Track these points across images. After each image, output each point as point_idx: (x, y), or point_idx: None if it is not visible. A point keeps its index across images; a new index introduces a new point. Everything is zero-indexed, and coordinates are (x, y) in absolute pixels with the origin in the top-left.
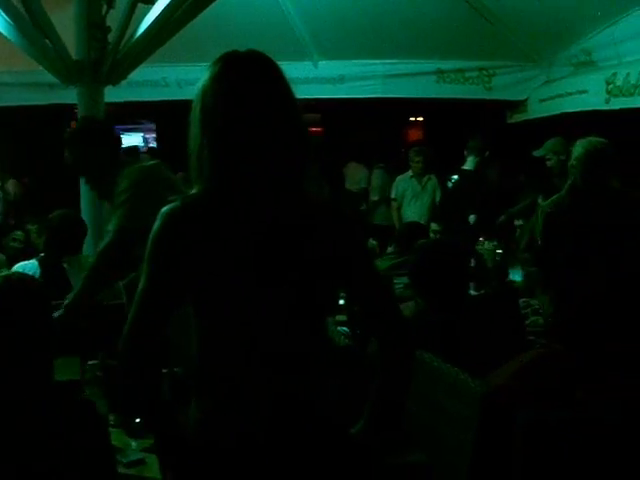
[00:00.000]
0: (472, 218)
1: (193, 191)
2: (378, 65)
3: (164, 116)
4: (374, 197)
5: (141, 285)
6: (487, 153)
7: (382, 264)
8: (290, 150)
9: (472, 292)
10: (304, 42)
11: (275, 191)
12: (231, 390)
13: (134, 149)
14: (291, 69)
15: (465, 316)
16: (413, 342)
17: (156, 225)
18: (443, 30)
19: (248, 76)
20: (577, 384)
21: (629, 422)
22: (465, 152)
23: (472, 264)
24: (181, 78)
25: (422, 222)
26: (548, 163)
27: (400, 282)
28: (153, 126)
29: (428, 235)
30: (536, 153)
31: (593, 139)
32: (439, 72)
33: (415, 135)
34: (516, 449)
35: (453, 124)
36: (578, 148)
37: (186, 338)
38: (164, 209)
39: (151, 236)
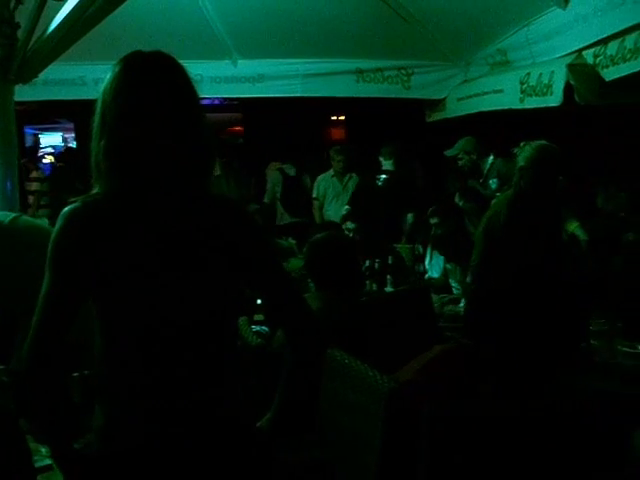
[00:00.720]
0: (410, 217)
1: (95, 191)
2: (297, 64)
3: (82, 115)
4: (266, 199)
5: (44, 289)
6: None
7: (297, 263)
8: (191, 151)
9: (390, 289)
10: (223, 41)
11: (175, 191)
12: (135, 394)
13: None
14: (210, 68)
15: (374, 312)
16: (323, 338)
17: (57, 227)
18: (362, 30)
19: (148, 77)
20: (482, 379)
21: (530, 416)
22: (380, 158)
23: (390, 262)
24: (98, 77)
25: None
26: (460, 162)
27: None
28: (72, 125)
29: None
30: (448, 153)
31: (543, 142)
32: (358, 71)
33: (337, 134)
34: (421, 444)
35: (374, 123)
36: (528, 150)
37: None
38: (64, 210)
39: (52, 238)
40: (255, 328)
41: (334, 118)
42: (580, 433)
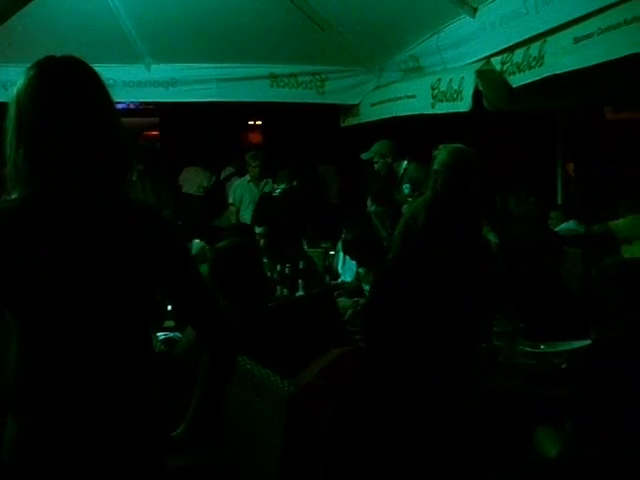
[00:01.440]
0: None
1: (13, 196)
2: (211, 69)
3: None
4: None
5: None
6: (295, 182)
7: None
8: (108, 153)
9: (301, 293)
10: (136, 45)
11: (90, 196)
12: (48, 405)
13: None
14: (123, 72)
15: (280, 317)
16: (235, 345)
17: None
18: (276, 35)
19: (61, 82)
20: (379, 382)
21: (429, 415)
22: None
23: (301, 266)
24: (7, 79)
25: None
26: (375, 166)
27: None
28: None
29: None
30: (364, 156)
31: (459, 145)
32: (273, 76)
33: (254, 139)
34: (321, 447)
35: (291, 127)
36: (443, 154)
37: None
38: None
39: None
40: (161, 336)
41: (251, 123)
42: (480, 432)
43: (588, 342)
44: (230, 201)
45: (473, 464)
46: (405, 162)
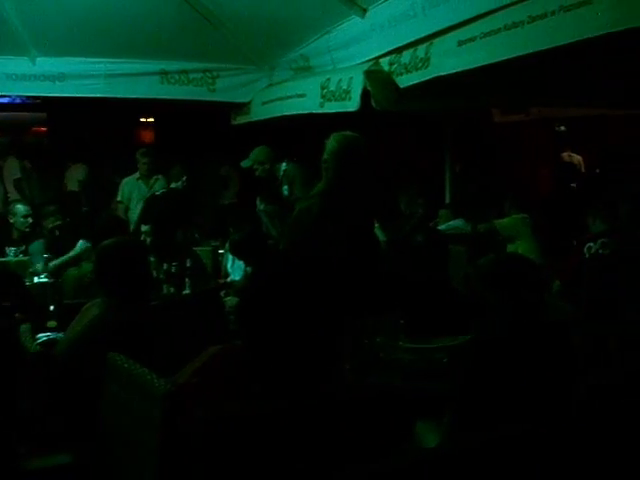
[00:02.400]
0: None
1: None
2: (100, 64)
3: None
4: None
5: None
6: (185, 178)
7: (88, 266)
8: None
9: (188, 291)
10: (20, 37)
11: None
12: None
13: None
14: (7, 64)
15: (163, 316)
16: None
17: None
18: (166, 31)
19: None
20: (253, 379)
21: (305, 412)
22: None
23: (189, 264)
24: None
25: None
26: (256, 173)
27: None
28: None
29: (126, 230)
30: (243, 164)
31: (348, 133)
32: (163, 72)
33: (147, 136)
34: (195, 447)
35: (183, 125)
36: (332, 142)
37: None
38: None
39: None
40: (43, 337)
41: (143, 120)
42: (360, 427)
43: (467, 338)
44: (119, 199)
45: (352, 459)
46: (284, 164)
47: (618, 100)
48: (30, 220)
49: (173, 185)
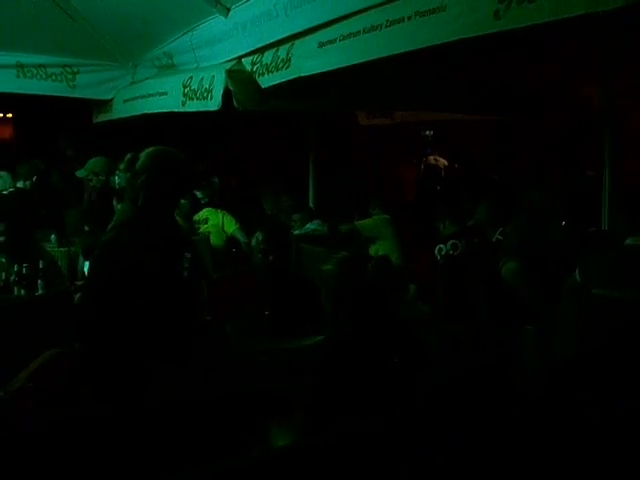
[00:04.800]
0: None
1: None
2: None
3: None
4: None
5: None
6: (35, 178)
7: None
8: None
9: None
10: None
11: None
12: None
13: None
14: None
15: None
16: None
17: None
18: (23, 22)
19: None
20: (83, 383)
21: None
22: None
23: (41, 265)
24: None
25: None
26: (90, 183)
27: None
28: None
29: None
30: (78, 173)
31: (163, 148)
32: (19, 66)
33: (6, 132)
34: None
35: (44, 122)
36: (144, 158)
37: None
38: None
39: None
40: None
41: (0, 115)
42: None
43: (320, 339)
44: None
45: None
46: (116, 177)
47: (472, 106)
48: None
49: (20, 184)
